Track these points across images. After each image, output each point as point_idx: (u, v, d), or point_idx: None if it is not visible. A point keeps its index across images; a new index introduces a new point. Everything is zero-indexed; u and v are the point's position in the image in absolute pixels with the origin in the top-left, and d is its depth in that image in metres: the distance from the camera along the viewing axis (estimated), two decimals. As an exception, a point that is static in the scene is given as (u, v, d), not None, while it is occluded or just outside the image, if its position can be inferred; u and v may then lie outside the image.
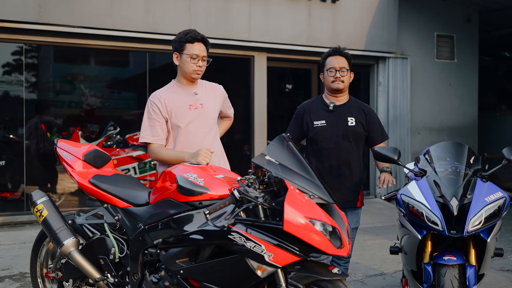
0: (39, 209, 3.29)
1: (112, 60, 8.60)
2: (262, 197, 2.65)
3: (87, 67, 8.80)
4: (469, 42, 10.59)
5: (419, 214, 3.07)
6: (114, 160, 7.90)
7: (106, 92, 8.64)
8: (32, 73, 8.16)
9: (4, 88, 7.80)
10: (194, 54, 3.47)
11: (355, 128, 3.78)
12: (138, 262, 3.07)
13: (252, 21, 8.31)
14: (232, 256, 2.69)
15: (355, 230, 3.87)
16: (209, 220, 2.67)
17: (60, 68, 8.70)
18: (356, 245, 6.46)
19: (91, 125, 8.57)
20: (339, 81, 3.77)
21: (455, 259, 3.01)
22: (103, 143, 8.01)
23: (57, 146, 3.49)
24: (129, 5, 7.47)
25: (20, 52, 7.47)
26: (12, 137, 7.71)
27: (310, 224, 2.53)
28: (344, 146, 3.76)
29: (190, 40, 3.47)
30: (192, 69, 3.49)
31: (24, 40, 7.24)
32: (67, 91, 8.63)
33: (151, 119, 3.48)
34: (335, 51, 3.84)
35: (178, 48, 3.51)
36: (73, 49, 7.99)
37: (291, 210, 2.53)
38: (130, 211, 3.17)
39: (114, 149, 7.99)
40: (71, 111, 8.66)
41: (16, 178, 7.53)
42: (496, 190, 3.10)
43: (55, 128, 8.18)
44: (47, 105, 8.13)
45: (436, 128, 10.24)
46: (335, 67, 3.78)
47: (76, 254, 3.18)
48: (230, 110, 3.90)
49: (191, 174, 2.90)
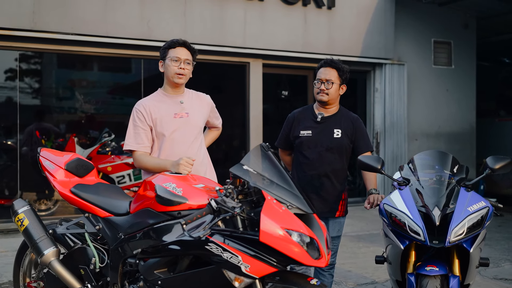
0: (20, 219, 3.27)
1: (107, 66, 8.61)
2: (240, 207, 2.62)
3: (82, 73, 8.81)
4: (467, 48, 10.56)
5: (402, 224, 3.03)
6: (109, 167, 7.94)
7: (101, 99, 8.64)
8: (27, 80, 8.18)
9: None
10: (176, 56, 3.46)
11: (339, 140, 3.76)
12: (118, 272, 3.05)
13: (248, 27, 8.31)
14: (210, 267, 2.67)
15: (337, 238, 3.83)
16: (186, 231, 2.65)
17: (55, 75, 8.72)
18: (350, 253, 6.43)
19: (86, 132, 8.57)
20: (323, 93, 3.73)
21: (437, 269, 2.97)
22: (98, 150, 8.01)
23: (40, 155, 3.48)
24: (123, 12, 7.48)
25: (15, 59, 7.48)
26: (7, 144, 7.72)
27: (287, 234, 2.51)
28: (327, 157, 3.74)
29: (171, 45, 3.48)
30: (174, 72, 3.46)
31: (19, 47, 7.27)
32: (62, 98, 8.66)
33: (136, 127, 3.47)
34: (326, 62, 3.81)
35: (162, 56, 3.52)
36: (68, 56, 8.01)
37: (268, 221, 2.51)
38: (110, 220, 3.15)
39: (109, 156, 7.98)
40: (66, 117, 8.67)
41: (11, 185, 7.53)
42: (479, 199, 3.06)
43: (53, 135, 8.19)
44: (42, 111, 8.14)
45: (433, 134, 10.20)
46: (322, 78, 3.75)
47: (56, 264, 3.16)
48: (217, 120, 3.88)
49: (170, 183, 2.88)
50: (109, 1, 7.37)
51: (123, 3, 7.46)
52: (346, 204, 3.87)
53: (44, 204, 7.81)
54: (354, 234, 7.50)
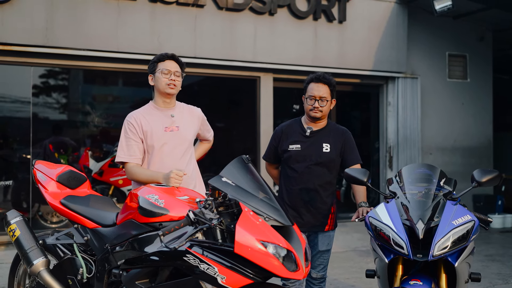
0: (12, 229, 3.35)
1: (118, 81, 8.76)
2: (217, 219, 2.64)
3: (95, 88, 8.99)
4: (482, 61, 10.42)
5: (386, 237, 3.01)
6: (120, 180, 8.04)
7: (114, 113, 8.78)
8: (40, 95, 8.37)
9: (13, 108, 8.01)
10: (166, 69, 3.52)
11: (328, 155, 3.73)
12: (103, 282, 3.09)
13: (258, 42, 8.36)
14: (188, 278, 2.69)
15: (327, 252, 3.80)
16: (163, 242, 2.67)
17: (68, 90, 8.91)
18: (356, 268, 6.37)
19: (100, 145, 8.72)
20: (317, 110, 3.71)
21: (421, 283, 2.93)
22: (109, 163, 8.12)
23: (34, 167, 3.56)
24: (134, 27, 7.62)
25: (29, 75, 7.65)
26: (20, 157, 7.89)
27: (262, 246, 2.52)
28: (316, 171, 3.72)
29: (161, 58, 3.56)
30: (164, 83, 3.52)
31: (32, 63, 7.43)
32: (75, 112, 8.84)
33: (128, 139, 3.52)
34: (317, 78, 3.74)
35: (151, 70, 3.59)
36: (80, 71, 8.17)
37: (243, 232, 2.52)
38: (98, 231, 3.20)
39: (120, 169, 8.07)
40: (80, 131, 8.84)
41: (23, 197, 7.67)
42: (465, 213, 3.02)
43: (70, 148, 8.35)
44: (56, 125, 8.32)
45: (449, 148, 10.06)
46: (315, 95, 3.71)
47: (45, 274, 3.21)
48: (208, 133, 3.91)
49: (153, 195, 2.92)
50: (120, 17, 7.52)
51: (134, 18, 7.60)
52: (335, 217, 3.84)
53: (57, 216, 7.92)
54: (364, 249, 7.43)
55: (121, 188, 8.06)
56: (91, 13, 7.38)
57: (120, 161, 3.53)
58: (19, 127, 7.94)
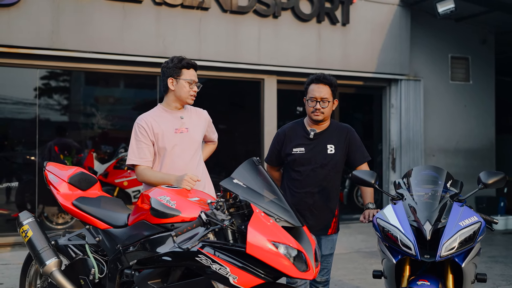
0: (25, 230, 3.40)
1: (124, 84, 8.82)
2: (229, 220, 2.69)
3: (100, 90, 9.04)
4: (485, 63, 10.48)
5: (394, 238, 3.05)
6: (125, 182, 8.09)
7: (118, 115, 8.83)
8: (46, 97, 8.42)
9: (19, 110, 8.06)
10: (192, 79, 3.57)
11: (333, 156, 3.71)
12: (115, 283, 3.13)
13: (262, 44, 8.42)
14: (200, 278, 2.73)
15: (330, 256, 3.80)
16: (176, 242, 2.72)
17: (74, 92, 8.96)
18: (361, 269, 6.41)
19: (104, 147, 8.76)
20: (319, 112, 3.66)
21: (428, 284, 2.97)
22: (114, 165, 8.17)
23: (45, 169, 3.61)
24: (139, 30, 7.67)
25: (35, 77, 7.71)
26: (26, 158, 7.94)
27: (273, 247, 2.56)
28: (321, 174, 3.70)
29: (186, 66, 3.56)
30: (188, 94, 3.58)
31: (38, 65, 7.49)
32: (81, 114, 8.88)
33: (139, 141, 3.56)
34: (318, 79, 3.68)
35: (174, 73, 3.56)
36: (86, 74, 8.22)
37: (255, 233, 2.57)
38: (110, 232, 3.25)
39: (125, 171, 8.12)
40: (85, 133, 8.88)
41: (29, 199, 7.72)
42: (472, 214, 3.06)
43: (74, 150, 8.39)
44: (61, 127, 8.36)
45: (451, 150, 10.11)
46: (316, 97, 3.65)
47: (58, 274, 3.26)
48: (214, 134, 3.97)
49: (164, 196, 2.96)
50: (126, 20, 7.58)
51: (139, 21, 7.66)
52: (338, 220, 3.84)
53: (62, 218, 7.97)
54: (368, 250, 7.47)
55: (126, 189, 8.11)
56: (96, 16, 7.44)
57: (131, 164, 3.56)
58: (24, 128, 8.00)
